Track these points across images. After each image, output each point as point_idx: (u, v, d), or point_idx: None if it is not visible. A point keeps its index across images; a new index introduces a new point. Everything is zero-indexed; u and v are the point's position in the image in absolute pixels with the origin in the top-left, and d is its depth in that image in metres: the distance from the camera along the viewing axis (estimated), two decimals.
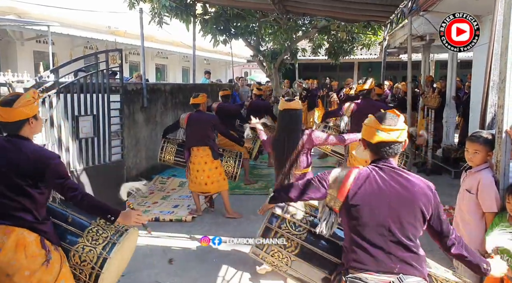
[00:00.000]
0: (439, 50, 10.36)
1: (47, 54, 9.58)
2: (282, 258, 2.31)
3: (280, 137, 3.53)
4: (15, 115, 2.31)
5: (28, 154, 2.31)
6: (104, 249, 2.44)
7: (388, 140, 1.95)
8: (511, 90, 2.47)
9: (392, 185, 1.94)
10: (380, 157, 2.01)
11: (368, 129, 2.00)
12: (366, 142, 2.04)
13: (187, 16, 8.99)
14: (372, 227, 1.94)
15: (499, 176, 2.57)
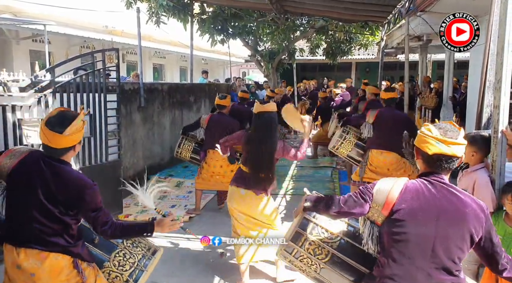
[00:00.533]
0: (436, 50, 10.40)
1: (43, 53, 9.56)
2: (311, 264, 2.26)
3: (253, 141, 3.42)
4: (62, 142, 2.18)
5: (66, 182, 2.20)
6: (131, 276, 2.41)
7: (446, 154, 1.83)
8: (507, 90, 2.48)
9: (442, 203, 1.82)
10: (432, 171, 1.88)
11: (428, 139, 1.85)
12: (421, 152, 1.90)
13: (184, 15, 8.97)
14: (415, 245, 1.82)
15: (495, 175, 2.57)
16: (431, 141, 1.84)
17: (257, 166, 3.39)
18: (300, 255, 2.28)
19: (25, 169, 2.20)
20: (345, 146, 5.35)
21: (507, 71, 2.46)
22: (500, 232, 2.49)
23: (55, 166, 2.21)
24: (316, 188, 6.55)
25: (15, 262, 2.18)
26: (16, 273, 2.19)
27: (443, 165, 1.85)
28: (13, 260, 2.18)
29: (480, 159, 2.70)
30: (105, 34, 12.08)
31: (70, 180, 2.21)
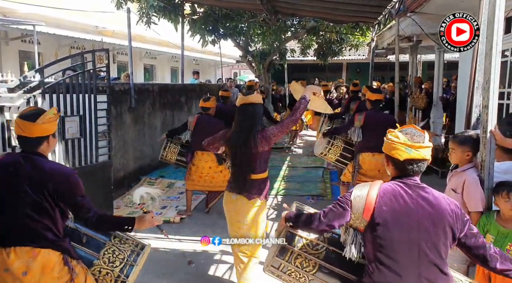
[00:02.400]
0: (426, 51, 10.48)
1: (32, 54, 9.45)
2: (300, 277, 2.23)
3: (236, 135, 3.10)
4: (35, 131, 2.24)
5: (49, 172, 2.24)
6: (122, 271, 2.42)
7: (416, 158, 1.87)
8: (495, 90, 2.50)
9: (420, 202, 1.86)
10: (404, 175, 1.93)
11: (397, 146, 1.89)
12: (391, 159, 1.94)
13: (175, 16, 8.94)
14: (401, 247, 1.84)
15: (484, 175, 2.59)
16: (401, 148, 1.87)
17: (241, 166, 3.10)
18: (288, 269, 2.24)
19: (4, 170, 2.22)
20: (333, 151, 5.43)
21: (496, 72, 2.48)
22: (493, 233, 2.51)
23: (34, 159, 2.25)
24: (307, 188, 6.64)
25: (3, 265, 2.16)
26: (3, 277, 2.17)
27: (414, 169, 1.91)
28: (1, 263, 2.16)
29: (470, 159, 2.73)
30: (95, 35, 11.98)
31: (52, 170, 2.26)
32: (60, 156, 4.54)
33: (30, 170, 2.22)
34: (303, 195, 6.32)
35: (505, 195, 2.46)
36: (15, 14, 9.73)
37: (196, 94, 10.11)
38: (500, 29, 2.47)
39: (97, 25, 12.46)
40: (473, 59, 3.11)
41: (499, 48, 2.47)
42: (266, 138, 3.02)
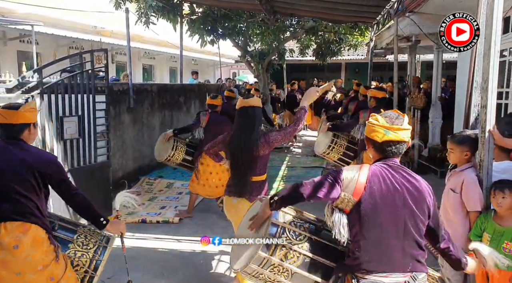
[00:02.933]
0: (425, 51, 10.48)
1: (31, 54, 9.44)
2: (283, 271, 2.11)
3: (237, 138, 3.17)
4: (19, 118, 2.45)
5: (34, 153, 2.48)
6: (96, 252, 2.56)
7: (394, 139, 1.95)
8: (494, 90, 2.51)
9: (404, 183, 1.95)
10: (385, 157, 2.00)
11: (376, 128, 1.98)
12: (371, 141, 2.02)
13: (174, 16, 8.92)
14: (388, 226, 1.91)
15: (482, 175, 2.60)
16: (380, 130, 1.96)
17: (242, 168, 3.13)
18: (271, 264, 2.10)
19: None
20: (336, 150, 5.35)
21: (494, 72, 2.49)
22: (489, 231, 2.51)
23: (20, 144, 2.46)
24: None
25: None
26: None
27: (393, 150, 1.98)
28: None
29: (469, 159, 2.73)
30: (94, 35, 11.98)
31: (39, 153, 2.55)
32: (58, 156, 4.53)
33: (18, 152, 2.41)
34: None
35: (492, 192, 2.50)
36: (14, 14, 9.72)
37: (195, 94, 10.11)
38: (498, 29, 2.47)
39: (96, 25, 12.45)
40: (471, 59, 3.11)
41: (497, 48, 2.47)
42: (268, 143, 3.08)
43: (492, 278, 2.50)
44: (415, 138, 7.69)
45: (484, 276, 2.55)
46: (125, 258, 2.73)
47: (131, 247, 4.46)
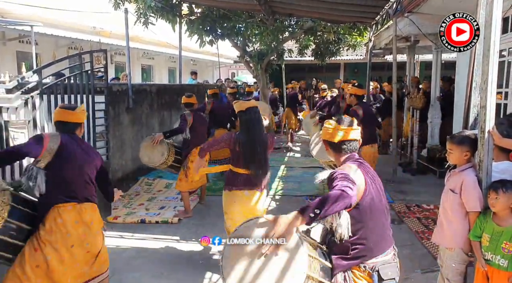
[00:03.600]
0: (423, 51, 10.49)
1: (30, 55, 9.42)
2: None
3: (248, 140, 3.41)
4: (76, 117, 2.99)
5: (91, 147, 3.36)
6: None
7: (348, 139, 2.26)
8: (493, 90, 2.51)
9: (374, 172, 2.28)
10: (344, 154, 2.28)
11: (330, 131, 2.30)
12: (329, 143, 2.32)
13: (173, 16, 8.92)
14: (380, 213, 2.17)
15: (482, 175, 2.60)
16: (335, 132, 2.27)
17: (257, 165, 3.45)
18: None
19: (73, 145, 2.91)
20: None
21: (493, 72, 2.49)
22: (488, 231, 2.51)
23: (81, 139, 3.16)
24: (305, 189, 6.63)
25: (76, 217, 2.87)
26: (75, 228, 2.85)
27: (348, 148, 2.28)
28: (74, 216, 2.86)
29: (468, 159, 2.73)
30: (93, 35, 11.96)
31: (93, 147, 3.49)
32: None
33: (86, 146, 3.08)
34: (301, 195, 6.33)
35: (489, 192, 2.50)
36: (13, 15, 9.71)
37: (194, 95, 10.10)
38: (497, 29, 2.47)
39: (95, 26, 12.43)
40: (471, 59, 3.12)
41: (496, 48, 2.47)
42: (273, 142, 3.65)
43: (491, 278, 2.51)
44: (414, 138, 7.71)
45: (484, 276, 2.55)
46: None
47: (131, 247, 4.46)
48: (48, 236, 2.78)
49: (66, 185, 2.87)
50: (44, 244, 2.76)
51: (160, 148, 5.28)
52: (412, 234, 4.70)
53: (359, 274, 2.13)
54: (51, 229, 2.79)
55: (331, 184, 2.03)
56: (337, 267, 2.14)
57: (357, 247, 2.12)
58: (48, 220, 2.80)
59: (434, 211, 5.33)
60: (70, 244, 2.83)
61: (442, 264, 2.88)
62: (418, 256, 4.10)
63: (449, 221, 2.76)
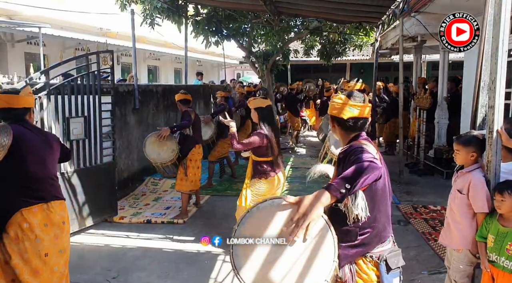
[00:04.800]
0: (430, 51, 10.43)
1: (38, 56, 9.50)
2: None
3: (274, 130, 4.00)
4: (22, 102, 2.58)
5: (48, 133, 2.79)
6: None
7: (359, 116, 2.05)
8: (502, 90, 2.48)
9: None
10: (354, 132, 2.07)
11: (341, 106, 2.06)
12: (336, 119, 2.09)
13: (179, 17, 8.94)
14: (387, 196, 2.02)
15: (490, 176, 2.57)
16: (346, 108, 2.04)
17: (279, 152, 4.07)
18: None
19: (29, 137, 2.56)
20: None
21: (502, 71, 2.46)
22: (493, 232, 2.49)
23: (35, 127, 2.76)
24: (311, 189, 6.57)
25: (45, 219, 2.54)
26: (45, 231, 2.54)
27: (357, 126, 2.07)
28: (42, 219, 2.53)
29: (476, 160, 2.71)
30: (99, 36, 12.02)
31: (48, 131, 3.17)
32: None
33: (40, 135, 2.64)
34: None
35: (494, 193, 2.48)
36: (21, 16, 9.78)
37: (200, 95, 10.12)
38: (506, 29, 2.44)
39: (102, 27, 12.50)
40: (478, 59, 3.08)
41: (505, 47, 2.45)
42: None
43: (496, 280, 2.48)
44: (421, 138, 7.66)
45: (490, 278, 2.53)
46: None
47: (136, 247, 4.47)
48: (15, 245, 2.43)
49: (30, 184, 2.52)
50: (10, 256, 2.43)
51: (170, 145, 5.23)
52: (419, 235, 4.66)
53: (365, 266, 1.96)
54: (16, 236, 2.44)
55: (349, 159, 1.86)
56: (344, 258, 1.95)
57: (366, 232, 1.94)
58: (11, 227, 2.44)
59: (441, 212, 5.29)
60: (43, 253, 2.51)
61: (449, 265, 2.86)
62: (425, 257, 4.06)
63: (457, 222, 2.74)
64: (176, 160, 5.33)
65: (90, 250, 4.36)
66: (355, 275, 1.96)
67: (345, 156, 1.93)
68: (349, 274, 1.95)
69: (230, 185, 6.98)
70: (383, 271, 1.95)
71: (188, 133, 5.34)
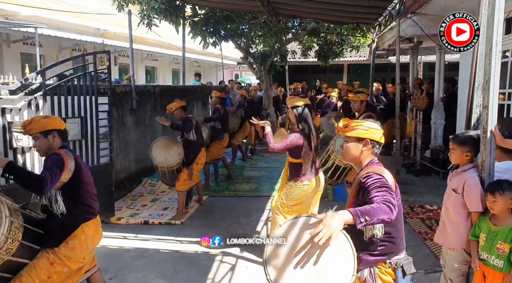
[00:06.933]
0: (427, 52, 10.47)
1: (34, 56, 9.47)
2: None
3: (310, 125, 3.89)
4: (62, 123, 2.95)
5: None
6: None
7: (381, 142, 2.32)
8: (495, 91, 2.50)
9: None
10: (373, 155, 2.30)
11: (378, 131, 2.30)
12: (373, 143, 2.28)
13: (176, 18, 8.94)
14: (401, 213, 2.25)
15: (484, 176, 2.59)
16: (380, 133, 2.30)
17: (316, 154, 3.96)
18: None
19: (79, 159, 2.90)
20: None
21: (495, 72, 2.48)
22: (485, 231, 2.52)
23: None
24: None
25: (93, 232, 2.92)
26: (93, 241, 2.93)
27: (376, 150, 2.32)
28: (93, 231, 2.91)
29: (471, 159, 2.73)
30: (96, 37, 12.01)
31: None
32: None
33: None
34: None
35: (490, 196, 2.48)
36: (17, 16, 9.76)
37: (198, 96, 10.13)
38: (499, 30, 2.47)
39: (99, 28, 12.47)
40: (473, 60, 3.11)
41: (499, 48, 2.47)
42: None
43: (487, 278, 2.52)
44: (417, 139, 7.68)
45: (481, 277, 2.56)
46: None
47: (134, 248, 4.48)
48: (69, 252, 2.78)
49: (87, 202, 2.92)
50: (61, 260, 2.75)
51: (176, 149, 5.39)
52: (415, 235, 4.68)
53: (384, 269, 2.20)
54: (73, 246, 2.80)
55: (370, 191, 2.08)
56: (364, 263, 2.18)
57: (385, 244, 2.18)
58: (71, 239, 2.80)
59: (437, 212, 5.31)
60: (82, 256, 2.87)
61: (444, 264, 2.88)
62: (421, 256, 4.08)
63: (452, 221, 2.76)
64: (181, 165, 5.42)
65: None
66: (376, 278, 2.18)
67: (365, 186, 2.14)
68: (368, 277, 2.18)
69: (228, 186, 6.99)
70: (399, 276, 2.19)
71: (192, 139, 5.44)
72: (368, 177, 2.16)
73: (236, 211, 5.64)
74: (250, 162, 9.00)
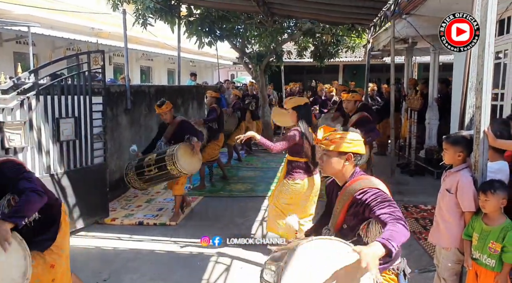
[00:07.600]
0: (421, 53, 10.52)
1: (27, 55, 9.42)
2: None
3: (310, 125, 3.96)
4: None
5: None
6: None
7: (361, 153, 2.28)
8: (488, 91, 2.52)
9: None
10: (355, 166, 2.27)
11: (360, 143, 2.25)
12: (354, 156, 2.22)
13: (171, 17, 8.91)
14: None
15: (477, 176, 2.60)
16: (362, 144, 2.26)
17: (314, 154, 3.92)
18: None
19: None
20: None
21: (488, 73, 2.50)
22: (477, 230, 2.54)
23: None
24: None
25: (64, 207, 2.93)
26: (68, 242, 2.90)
27: (358, 161, 2.27)
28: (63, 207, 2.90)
29: (464, 159, 2.74)
30: (91, 36, 11.96)
31: None
32: (54, 158, 4.53)
33: None
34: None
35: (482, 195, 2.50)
36: (10, 15, 9.71)
37: (193, 96, 10.10)
38: (492, 31, 2.48)
39: (93, 27, 12.44)
40: (466, 61, 3.12)
41: (491, 49, 2.48)
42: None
43: (479, 277, 2.54)
44: (412, 139, 7.72)
45: (474, 276, 2.58)
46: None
47: (128, 249, 4.46)
48: (62, 239, 2.73)
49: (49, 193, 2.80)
50: (57, 254, 2.68)
51: (197, 155, 5.21)
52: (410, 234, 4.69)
53: (388, 277, 2.17)
54: (64, 233, 2.78)
55: (374, 206, 2.03)
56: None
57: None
58: (63, 222, 2.78)
59: (431, 211, 5.33)
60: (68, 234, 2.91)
61: (438, 263, 2.89)
62: (416, 256, 4.10)
63: (445, 221, 2.77)
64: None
65: (80, 253, 4.31)
66: None
67: (365, 202, 2.07)
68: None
69: (223, 186, 6.98)
70: (402, 280, 2.18)
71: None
72: (364, 193, 2.10)
73: (231, 211, 5.64)
74: (246, 162, 8.99)
